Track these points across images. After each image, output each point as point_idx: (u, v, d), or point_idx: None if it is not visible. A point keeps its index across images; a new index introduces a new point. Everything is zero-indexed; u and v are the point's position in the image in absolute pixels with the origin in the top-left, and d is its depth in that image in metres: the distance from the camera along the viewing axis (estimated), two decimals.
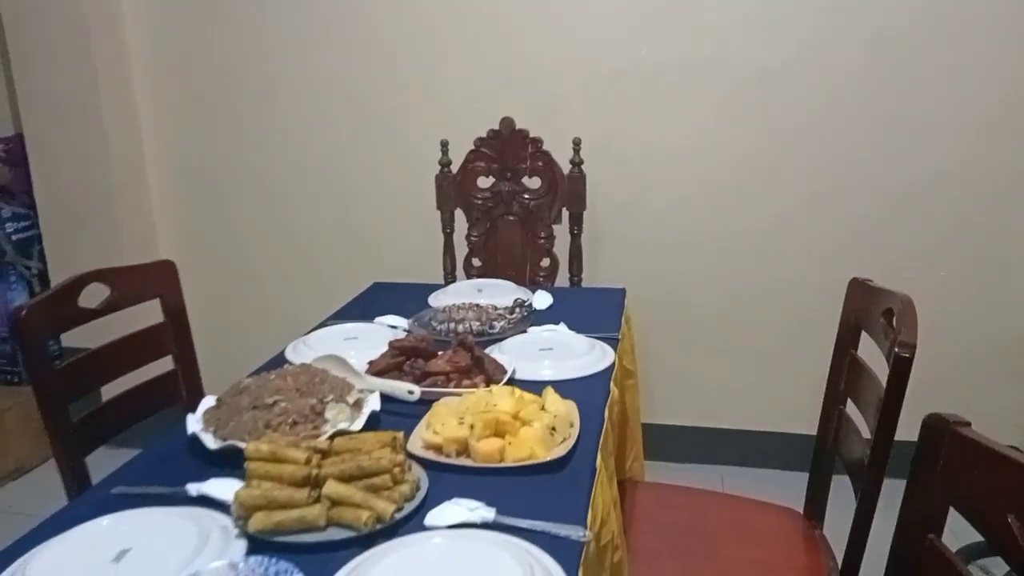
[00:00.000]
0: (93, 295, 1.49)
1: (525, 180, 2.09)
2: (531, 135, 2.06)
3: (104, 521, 0.87)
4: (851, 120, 2.18)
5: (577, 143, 2.03)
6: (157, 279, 1.66)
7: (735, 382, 2.44)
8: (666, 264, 2.38)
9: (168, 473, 1.01)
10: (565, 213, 2.09)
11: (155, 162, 2.68)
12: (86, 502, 0.97)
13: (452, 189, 2.12)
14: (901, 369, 1.05)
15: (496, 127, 2.07)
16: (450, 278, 2.15)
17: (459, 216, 2.15)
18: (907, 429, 1.00)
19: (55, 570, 0.78)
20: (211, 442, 1.04)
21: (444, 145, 2.10)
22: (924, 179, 2.18)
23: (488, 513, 0.88)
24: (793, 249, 2.30)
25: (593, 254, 2.24)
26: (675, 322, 2.41)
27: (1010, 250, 2.19)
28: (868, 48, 2.13)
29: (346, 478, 0.88)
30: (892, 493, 0.99)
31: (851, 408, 1.37)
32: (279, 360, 1.43)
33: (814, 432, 1.48)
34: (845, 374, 1.39)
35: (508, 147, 2.08)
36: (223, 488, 0.94)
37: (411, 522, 0.88)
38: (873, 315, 1.28)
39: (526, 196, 2.09)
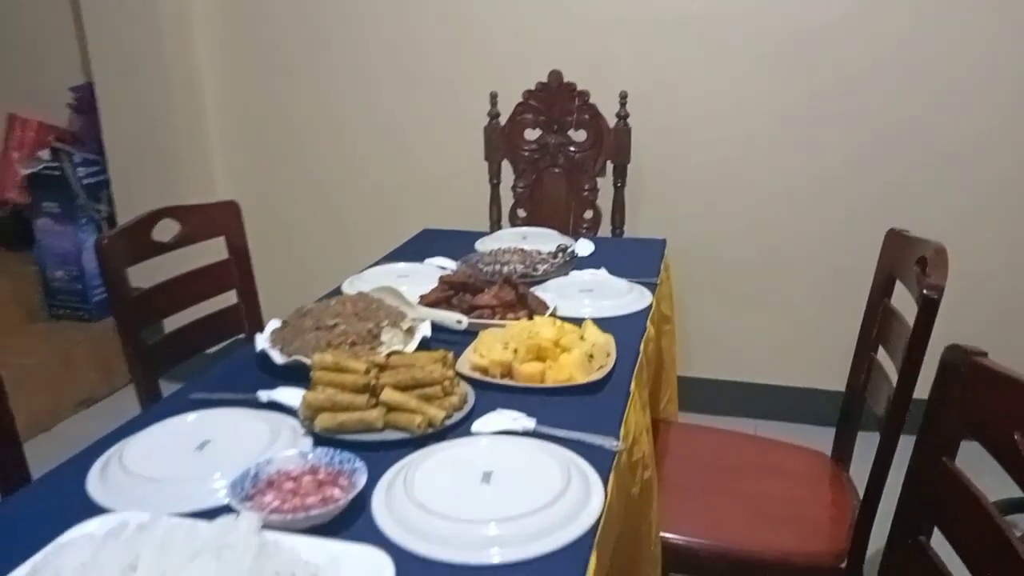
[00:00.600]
0: (165, 230, 1.61)
1: (571, 133, 2.15)
2: (578, 88, 2.11)
3: (189, 417, 0.98)
4: (896, 79, 2.18)
5: (623, 97, 2.07)
6: (223, 218, 1.77)
7: (770, 338, 2.48)
8: (707, 219, 2.41)
9: (239, 383, 1.12)
10: (609, 166, 2.14)
11: (214, 110, 2.79)
12: (167, 405, 1.08)
13: (500, 141, 2.19)
14: (929, 309, 1.10)
15: (544, 80, 2.12)
16: (496, 227, 2.22)
17: (506, 168, 2.22)
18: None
19: (148, 454, 0.89)
20: (278, 357, 1.14)
21: (493, 97, 2.16)
22: (966, 140, 2.17)
23: (529, 423, 0.97)
24: (832, 207, 2.31)
25: (635, 207, 2.29)
26: (713, 277, 2.45)
27: None
28: (916, 6, 2.11)
29: (401, 387, 0.97)
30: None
31: (883, 356, 1.41)
32: (336, 294, 1.53)
33: None
34: (878, 322, 1.44)
35: (555, 100, 2.13)
36: (290, 396, 1.04)
37: (459, 428, 0.97)
38: (907, 264, 1.32)
39: (572, 148, 2.15)
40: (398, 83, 2.57)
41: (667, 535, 1.28)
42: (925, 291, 1.11)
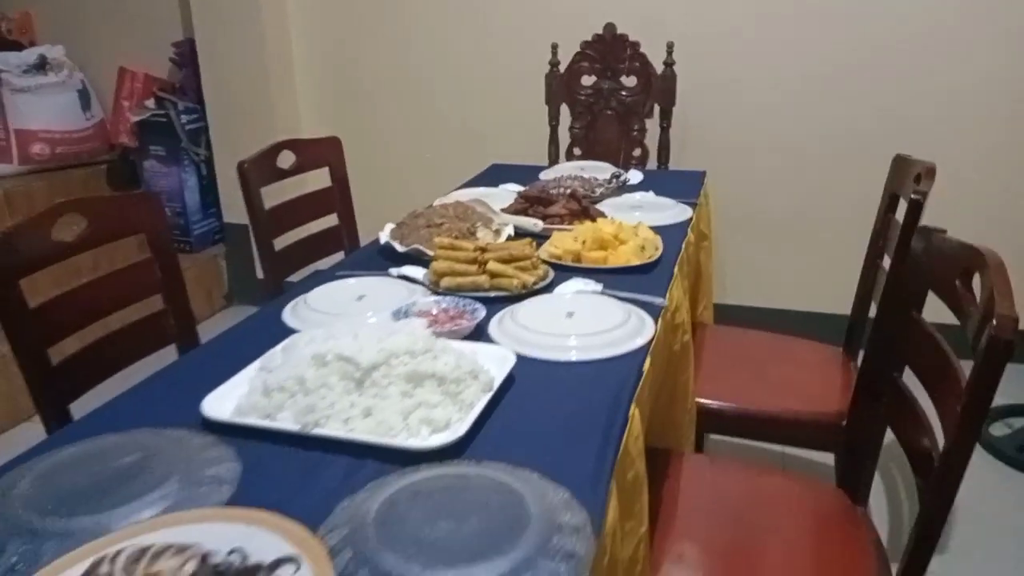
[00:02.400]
0: (284, 159, 1.95)
1: (623, 79, 2.43)
2: (630, 39, 2.38)
3: (349, 281, 1.32)
4: (932, 35, 2.40)
5: (670, 46, 2.34)
6: (328, 151, 2.11)
7: (798, 267, 2.75)
8: (743, 158, 2.68)
9: (372, 266, 1.46)
10: (656, 109, 2.42)
11: (301, 62, 3.12)
12: (316, 279, 1.42)
13: (559, 87, 2.48)
14: (914, 210, 1.39)
15: (600, 32, 2.40)
16: (554, 163, 2.52)
17: (563, 112, 2.51)
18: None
19: (323, 300, 1.24)
20: (399, 247, 1.48)
21: (554, 48, 2.44)
22: (991, 88, 2.39)
23: (597, 287, 1.29)
24: (859, 150, 2.55)
25: (679, 147, 2.56)
26: (748, 211, 2.72)
27: None
28: None
29: (501, 260, 1.30)
30: None
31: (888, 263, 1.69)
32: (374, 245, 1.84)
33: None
34: (884, 234, 1.72)
35: (610, 50, 2.41)
36: (414, 271, 1.38)
37: (544, 292, 1.30)
38: (907, 181, 1.59)
39: (623, 93, 2.43)
40: (468, 37, 2.86)
41: (701, 400, 1.60)
42: (913, 195, 1.40)
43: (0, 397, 2.50)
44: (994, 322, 0.86)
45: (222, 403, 0.92)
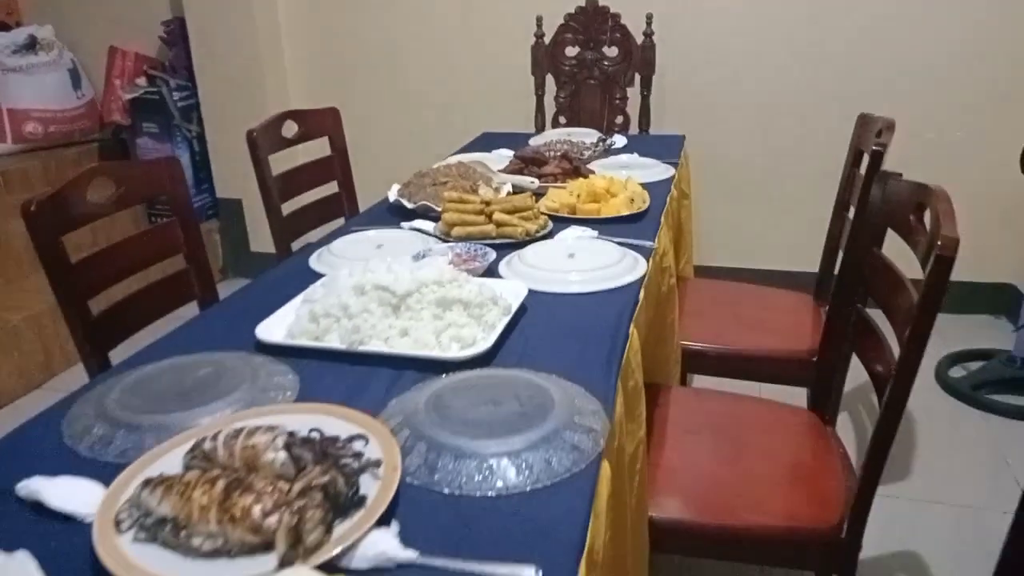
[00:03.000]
0: (288, 129, 2.05)
1: (605, 49, 2.55)
2: (611, 11, 2.50)
3: (368, 232, 1.45)
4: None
5: (649, 18, 2.47)
6: (328, 121, 2.21)
7: (772, 229, 2.91)
8: (720, 124, 2.82)
9: (383, 222, 1.58)
10: (637, 78, 2.55)
11: (289, 39, 3.20)
12: (334, 235, 1.54)
13: (544, 58, 2.60)
14: (875, 160, 1.54)
15: (583, 4, 2.52)
16: (541, 131, 2.65)
17: (548, 82, 2.63)
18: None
19: (348, 248, 1.36)
20: (408, 204, 1.60)
21: (539, 20, 2.56)
22: (950, 50, 2.56)
23: (593, 233, 1.43)
24: (828, 114, 2.71)
25: (658, 114, 2.70)
26: (724, 175, 2.87)
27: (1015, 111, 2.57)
28: None
29: (505, 211, 1.43)
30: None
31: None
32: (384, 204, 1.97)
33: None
34: (849, 186, 1.87)
35: (592, 22, 2.53)
36: (425, 225, 1.50)
37: (545, 239, 1.43)
38: (869, 137, 1.75)
39: (605, 63, 2.56)
40: (454, 10, 2.96)
41: (685, 343, 1.75)
42: (874, 147, 1.55)
43: (11, 366, 2.63)
44: (939, 242, 1.01)
45: (272, 331, 1.04)
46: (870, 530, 1.17)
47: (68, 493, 0.73)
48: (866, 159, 1.72)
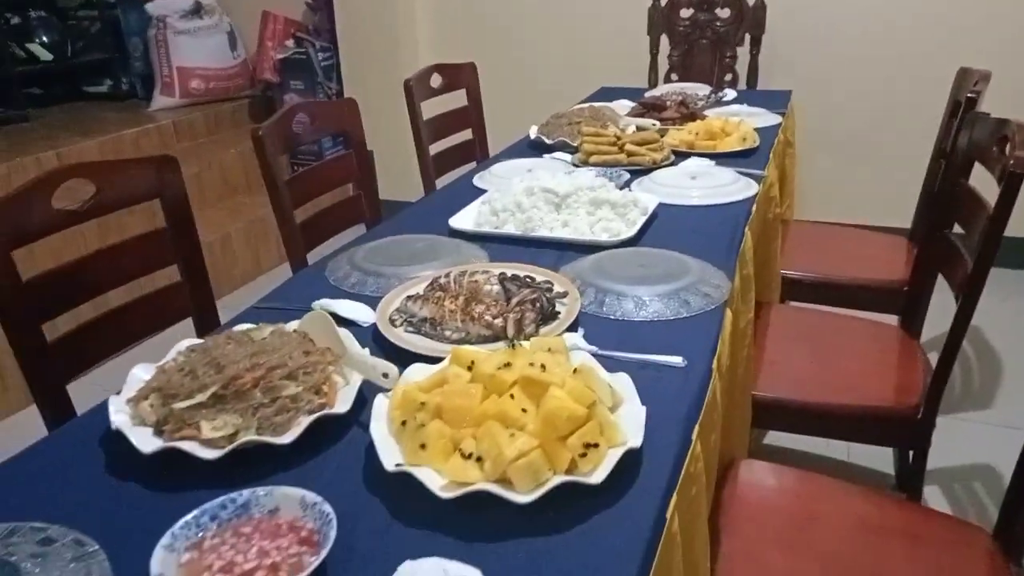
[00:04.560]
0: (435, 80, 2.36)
1: (718, 11, 2.75)
2: None
3: (518, 160, 1.73)
4: None
5: None
6: (466, 75, 2.51)
7: (873, 183, 3.04)
8: (824, 82, 2.97)
9: (524, 155, 1.87)
10: (747, 37, 2.74)
11: (422, 6, 3.52)
12: (483, 165, 1.84)
13: (660, 19, 2.82)
14: (970, 105, 1.71)
15: None
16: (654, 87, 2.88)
17: (662, 41, 2.85)
18: None
19: (505, 169, 1.66)
20: (547, 139, 1.88)
21: None
22: None
23: (711, 163, 1.67)
24: (932, 70, 2.82)
25: (766, 72, 2.87)
26: (827, 130, 3.01)
27: None
28: None
29: (635, 143, 1.69)
30: None
31: None
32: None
33: None
34: (947, 135, 2.03)
35: None
36: (563, 157, 1.78)
37: (670, 167, 1.68)
38: (967, 88, 1.90)
39: (718, 23, 2.76)
40: None
41: (785, 271, 1.98)
42: (969, 94, 1.72)
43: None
44: (1011, 160, 1.21)
45: (461, 222, 1.35)
46: (945, 447, 1.38)
47: (349, 308, 1.05)
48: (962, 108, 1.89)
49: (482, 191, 1.57)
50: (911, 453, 1.50)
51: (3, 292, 1.08)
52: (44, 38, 3.72)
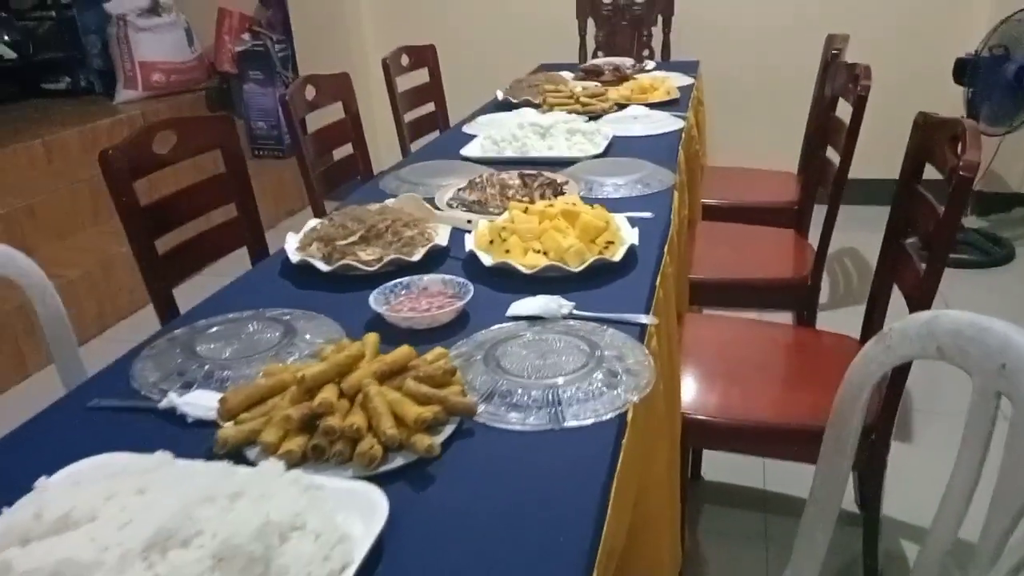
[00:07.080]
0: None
1: None
2: None
3: (496, 114, 2.17)
4: None
5: None
6: (429, 55, 2.93)
7: (761, 133, 3.62)
8: (723, 52, 3.51)
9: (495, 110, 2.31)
10: (659, 18, 3.25)
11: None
12: (482, 110, 2.26)
13: (586, 4, 3.30)
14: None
15: None
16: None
17: (588, 24, 3.33)
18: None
19: (490, 120, 2.09)
20: (513, 99, 2.33)
21: None
22: None
23: (646, 110, 2.16)
24: (809, 38, 3.41)
25: (676, 46, 3.40)
26: (725, 92, 3.56)
27: None
28: None
29: (587, 96, 2.15)
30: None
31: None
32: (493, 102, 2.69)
33: None
34: (821, 99, 2.58)
35: None
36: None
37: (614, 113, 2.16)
38: (831, 49, 2.45)
39: (635, 7, 3.27)
40: None
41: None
42: (833, 51, 2.26)
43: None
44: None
45: (469, 151, 1.78)
46: None
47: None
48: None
49: (473, 136, 2.00)
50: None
51: (131, 213, 1.38)
52: (6, 37, 3.90)
